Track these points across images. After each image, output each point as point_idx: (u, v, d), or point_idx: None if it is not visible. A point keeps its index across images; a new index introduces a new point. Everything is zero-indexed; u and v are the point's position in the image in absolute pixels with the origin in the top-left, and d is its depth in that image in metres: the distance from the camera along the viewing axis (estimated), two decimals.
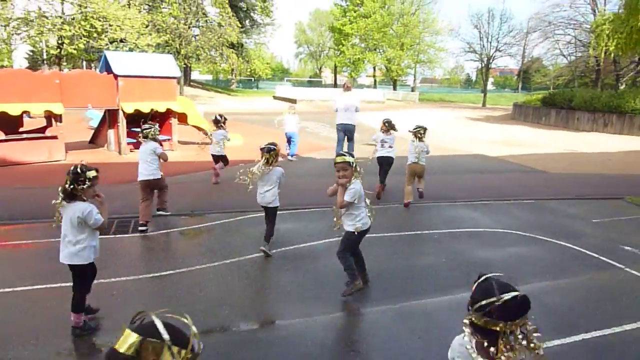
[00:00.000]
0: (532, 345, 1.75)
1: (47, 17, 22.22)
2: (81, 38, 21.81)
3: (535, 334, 1.78)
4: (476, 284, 1.87)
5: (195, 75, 70.65)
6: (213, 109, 31.44)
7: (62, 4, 23.31)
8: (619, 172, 12.63)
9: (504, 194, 9.53)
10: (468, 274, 5.54)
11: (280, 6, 75.90)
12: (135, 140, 13.21)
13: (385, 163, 8.84)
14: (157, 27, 26.90)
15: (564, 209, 8.60)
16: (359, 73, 62.42)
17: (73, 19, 22.05)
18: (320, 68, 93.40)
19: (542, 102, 28.28)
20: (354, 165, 4.81)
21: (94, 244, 3.97)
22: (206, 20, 32.47)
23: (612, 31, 21.39)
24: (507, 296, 1.76)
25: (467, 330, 1.86)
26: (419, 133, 8.36)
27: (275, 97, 44.01)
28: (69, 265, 3.93)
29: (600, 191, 10.23)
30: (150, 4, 30.42)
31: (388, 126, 8.89)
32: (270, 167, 5.92)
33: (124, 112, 12.38)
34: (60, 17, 23.66)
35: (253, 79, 63.14)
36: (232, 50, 32.14)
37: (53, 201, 3.92)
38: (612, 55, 22.31)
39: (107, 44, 21.85)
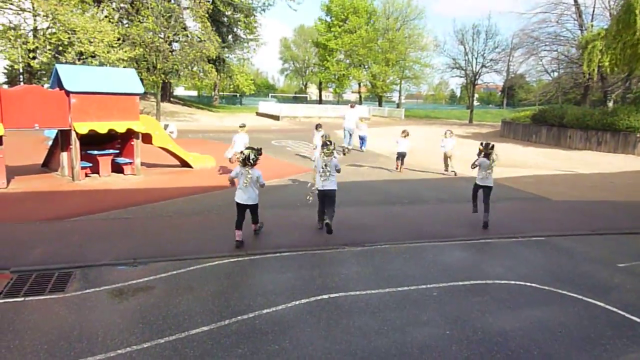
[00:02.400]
0: None
1: (14, 29, 20.71)
2: (46, 51, 20.27)
3: None
4: None
5: (180, 91, 69.39)
6: (191, 126, 30.11)
7: (35, 17, 21.89)
8: (628, 199, 11.43)
9: (508, 229, 8.21)
10: (481, 355, 4.15)
11: (266, 22, 75.06)
12: (91, 164, 11.77)
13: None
14: (132, 40, 25.46)
15: (581, 249, 7.29)
16: (344, 89, 61.55)
17: (37, 29, 20.53)
18: (306, 84, 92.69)
19: (532, 119, 27.33)
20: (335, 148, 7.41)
21: None
22: (186, 35, 31.15)
23: (605, 47, 20.50)
24: None
25: None
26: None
27: (258, 114, 42.75)
28: None
29: (615, 224, 8.97)
30: (127, 17, 29.04)
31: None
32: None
33: (77, 133, 10.88)
34: (32, 30, 22.22)
35: (237, 95, 61.87)
36: (211, 65, 30.74)
37: None
38: (607, 70, 21.37)
39: (73, 58, 20.32)
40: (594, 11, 32.26)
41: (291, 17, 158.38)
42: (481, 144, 8.70)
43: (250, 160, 6.73)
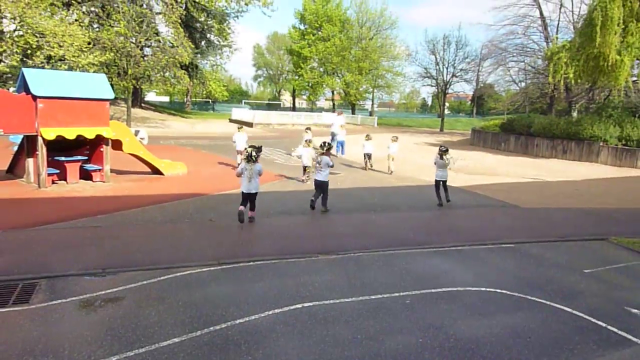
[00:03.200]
0: None
1: None
2: (14, 55, 19.66)
3: None
4: None
5: (151, 96, 68.29)
6: (162, 132, 29.65)
7: (1, 19, 21.19)
8: (592, 206, 11.77)
9: (479, 237, 8.33)
10: None
11: (239, 29, 74.61)
12: (58, 171, 11.44)
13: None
14: (103, 44, 24.95)
15: (549, 256, 7.45)
16: (318, 97, 61.73)
17: (3, 32, 19.90)
18: (279, 91, 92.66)
19: (500, 128, 27.97)
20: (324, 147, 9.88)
21: None
22: (158, 40, 30.72)
23: (570, 59, 21.18)
24: None
25: None
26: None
27: (231, 120, 42.43)
28: None
29: (580, 230, 9.22)
30: (97, 21, 28.47)
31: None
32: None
33: (43, 139, 10.56)
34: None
35: (210, 101, 61.34)
36: (184, 71, 30.38)
37: None
38: (572, 81, 22.06)
39: (42, 62, 19.76)
40: (558, 24, 33.43)
41: (265, 24, 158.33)
42: (440, 147, 11.18)
43: (253, 157, 8.38)
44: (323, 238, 7.85)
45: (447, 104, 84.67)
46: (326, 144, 10.08)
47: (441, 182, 11.00)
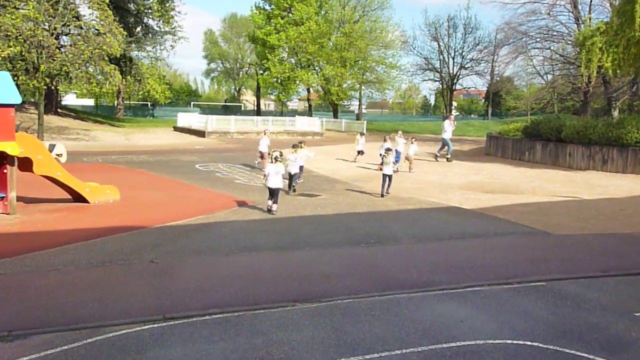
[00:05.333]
0: None
1: None
2: None
3: None
4: None
5: (71, 99, 67.84)
6: (86, 146, 29.46)
7: None
8: None
9: (501, 274, 8.44)
10: None
11: (187, 10, 73.82)
12: None
13: None
14: (6, 33, 24.79)
15: (590, 296, 7.57)
16: (290, 96, 62.13)
17: None
18: (240, 89, 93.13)
19: (523, 133, 28.51)
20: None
21: None
22: (80, 26, 30.67)
23: (606, 44, 21.86)
24: None
25: None
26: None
27: (176, 129, 42.40)
28: None
29: (628, 262, 9.42)
30: None
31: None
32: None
33: None
34: None
35: (148, 104, 61.20)
36: (114, 66, 30.32)
37: None
38: (609, 73, 22.73)
39: None
40: (591, 1, 34.50)
41: (220, 4, 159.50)
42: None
43: (277, 159, 12.68)
44: (301, 280, 7.84)
45: (454, 104, 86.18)
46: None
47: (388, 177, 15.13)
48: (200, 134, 38.32)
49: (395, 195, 15.71)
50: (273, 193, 12.69)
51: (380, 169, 18.09)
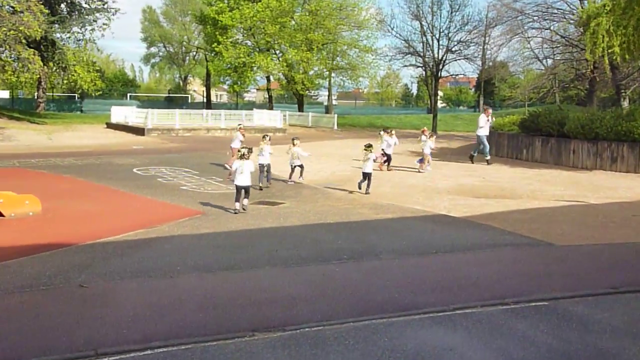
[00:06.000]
0: None
1: None
2: None
3: None
4: None
5: None
6: (0, 147, 28.91)
7: None
8: None
9: (495, 292, 8.52)
10: None
11: None
12: None
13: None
14: None
15: (599, 317, 7.70)
16: (246, 85, 62.01)
17: None
18: (186, 78, 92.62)
19: (520, 127, 28.93)
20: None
21: None
22: None
23: (614, 25, 22.30)
24: None
25: None
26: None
27: (109, 125, 41.95)
28: None
29: None
30: None
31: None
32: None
33: None
34: None
35: (76, 96, 60.39)
36: (33, 50, 29.89)
37: None
38: (617, 58, 23.17)
39: None
40: None
41: None
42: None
43: (246, 155, 13.95)
44: (262, 306, 7.80)
45: (440, 93, 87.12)
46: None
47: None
48: (139, 131, 37.97)
49: (373, 202, 15.79)
50: (241, 192, 13.87)
51: (381, 169, 21.79)
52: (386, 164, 23.19)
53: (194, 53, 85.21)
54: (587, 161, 24.75)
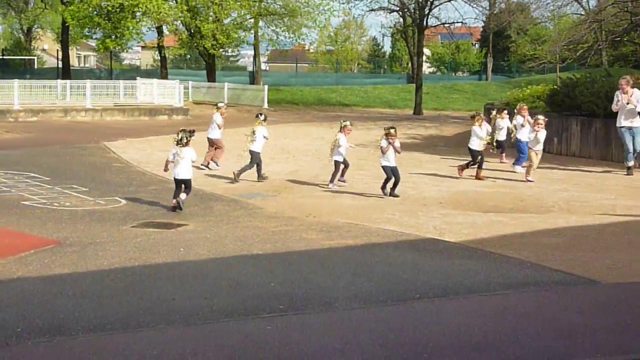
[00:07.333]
0: None
1: None
2: None
3: None
4: None
5: None
6: None
7: None
8: None
9: (514, 355, 8.59)
10: None
11: None
12: None
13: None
14: None
15: None
16: (126, 41, 61.29)
17: None
18: (30, 31, 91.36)
19: (548, 104, 29.17)
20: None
21: None
22: None
23: None
24: None
25: None
26: None
27: None
28: None
29: None
30: None
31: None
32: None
33: None
34: None
35: None
36: None
37: None
38: None
39: None
40: None
41: None
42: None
43: (182, 141, 16.16)
44: None
45: (427, 52, 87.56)
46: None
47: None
48: None
49: (324, 221, 15.78)
50: (181, 187, 15.76)
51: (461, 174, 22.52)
52: (476, 166, 23.04)
53: None
54: None
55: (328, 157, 21.43)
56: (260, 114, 21.38)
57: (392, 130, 18.42)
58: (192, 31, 54.88)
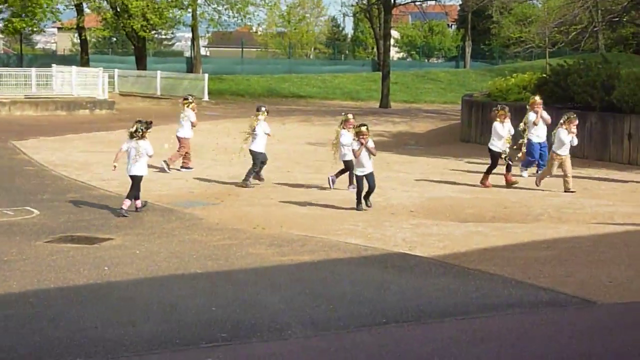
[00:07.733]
0: None
1: None
2: None
3: None
4: None
5: None
6: None
7: None
8: None
9: None
10: None
11: None
12: None
13: None
14: None
15: None
16: (37, 23, 60.89)
17: None
18: None
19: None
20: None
21: None
22: None
23: None
24: None
25: None
26: None
27: None
28: None
29: None
30: None
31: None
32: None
33: None
34: None
35: None
36: None
37: None
38: None
39: None
40: None
41: None
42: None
43: (137, 133, 16.76)
44: None
45: (396, 35, 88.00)
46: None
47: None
48: None
49: (275, 233, 15.77)
50: (135, 183, 16.43)
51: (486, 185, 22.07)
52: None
53: None
54: None
55: (333, 157, 21.98)
56: (262, 107, 21.98)
57: (363, 129, 18.57)
58: (118, 9, 54.68)
